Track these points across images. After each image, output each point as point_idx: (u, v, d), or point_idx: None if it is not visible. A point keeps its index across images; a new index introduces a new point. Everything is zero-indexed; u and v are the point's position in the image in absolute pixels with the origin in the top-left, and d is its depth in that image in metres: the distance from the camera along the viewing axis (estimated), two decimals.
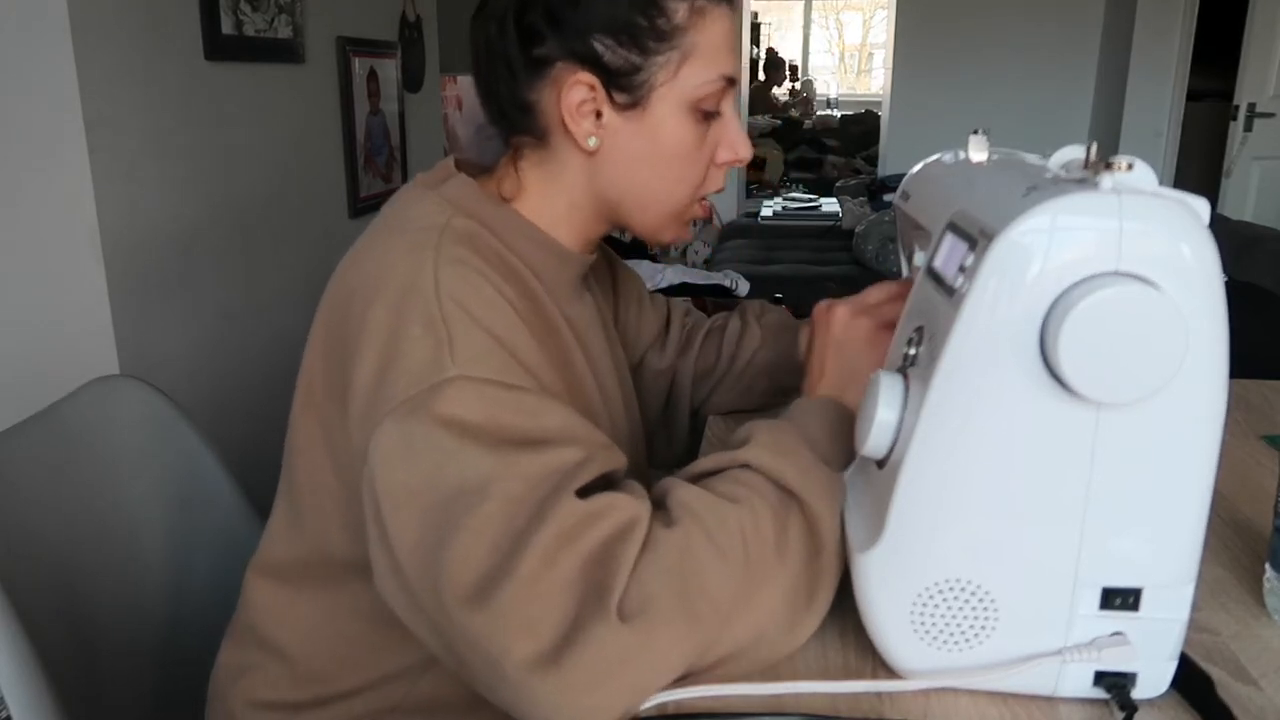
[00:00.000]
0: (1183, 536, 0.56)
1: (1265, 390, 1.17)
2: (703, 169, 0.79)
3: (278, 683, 0.79)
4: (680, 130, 0.76)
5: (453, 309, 0.65)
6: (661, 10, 0.73)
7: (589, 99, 0.74)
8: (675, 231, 0.82)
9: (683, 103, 0.75)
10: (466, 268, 0.68)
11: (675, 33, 0.73)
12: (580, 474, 0.62)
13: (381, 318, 0.65)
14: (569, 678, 0.55)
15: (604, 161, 0.76)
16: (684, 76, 0.74)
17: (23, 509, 0.87)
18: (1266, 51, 4.21)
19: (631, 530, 0.60)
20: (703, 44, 0.74)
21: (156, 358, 1.68)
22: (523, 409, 0.63)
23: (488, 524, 0.58)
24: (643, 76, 0.73)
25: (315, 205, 2.30)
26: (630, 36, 0.72)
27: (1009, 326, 0.52)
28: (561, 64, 0.73)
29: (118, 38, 1.56)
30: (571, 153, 0.77)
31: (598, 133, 0.75)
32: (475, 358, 0.63)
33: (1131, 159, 0.53)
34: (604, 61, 0.73)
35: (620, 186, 0.78)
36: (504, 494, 0.59)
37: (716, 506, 0.62)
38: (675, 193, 0.79)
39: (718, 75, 0.75)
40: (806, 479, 0.66)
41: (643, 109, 0.74)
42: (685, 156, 0.77)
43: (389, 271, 0.68)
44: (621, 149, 0.76)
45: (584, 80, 0.73)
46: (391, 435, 0.62)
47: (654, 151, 0.76)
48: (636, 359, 1.02)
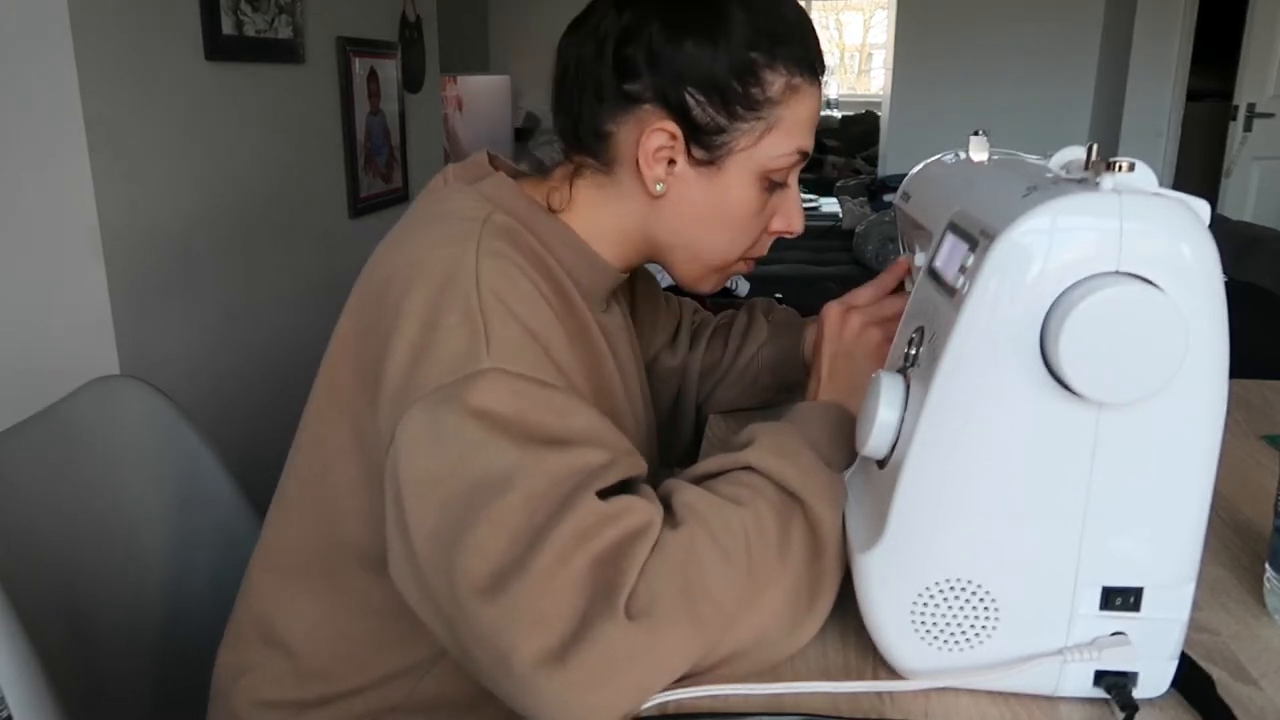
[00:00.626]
0: (1183, 536, 0.56)
1: (1265, 390, 1.17)
2: (756, 234, 0.81)
3: (281, 681, 0.79)
4: (747, 195, 0.77)
5: (491, 301, 0.65)
6: (759, 81, 0.74)
7: (668, 146, 0.75)
8: (715, 283, 0.85)
9: (756, 171, 0.76)
10: (506, 261, 0.68)
11: (766, 104, 0.75)
12: (603, 476, 0.62)
13: (419, 305, 0.65)
14: (575, 675, 0.55)
15: (665, 207, 0.78)
16: (764, 146, 0.76)
17: (23, 509, 0.87)
18: (1266, 51, 4.21)
19: (645, 533, 0.60)
20: (789, 119, 0.76)
21: (156, 358, 1.68)
22: (552, 407, 0.63)
23: (508, 517, 0.59)
24: (725, 138, 0.75)
25: (315, 205, 2.30)
26: (722, 98, 0.74)
27: (1009, 327, 0.52)
28: (650, 106, 0.74)
29: (118, 38, 1.56)
30: (635, 189, 0.78)
31: (667, 179, 0.76)
32: (510, 352, 0.64)
33: (1131, 159, 0.53)
34: (691, 115, 0.74)
35: (675, 234, 0.79)
36: (526, 489, 0.59)
37: (720, 508, 0.63)
38: (726, 252, 0.81)
39: (795, 149, 0.77)
40: (808, 481, 0.66)
41: (717, 169, 0.76)
42: (745, 221, 0.79)
43: (428, 260, 0.68)
44: (687, 200, 0.77)
45: (668, 129, 0.74)
46: (420, 421, 0.62)
47: (716, 211, 0.78)
48: (649, 359, 1.03)
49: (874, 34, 9.63)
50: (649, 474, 0.68)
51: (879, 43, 9.23)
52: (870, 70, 9.82)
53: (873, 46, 9.75)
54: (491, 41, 5.35)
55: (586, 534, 0.58)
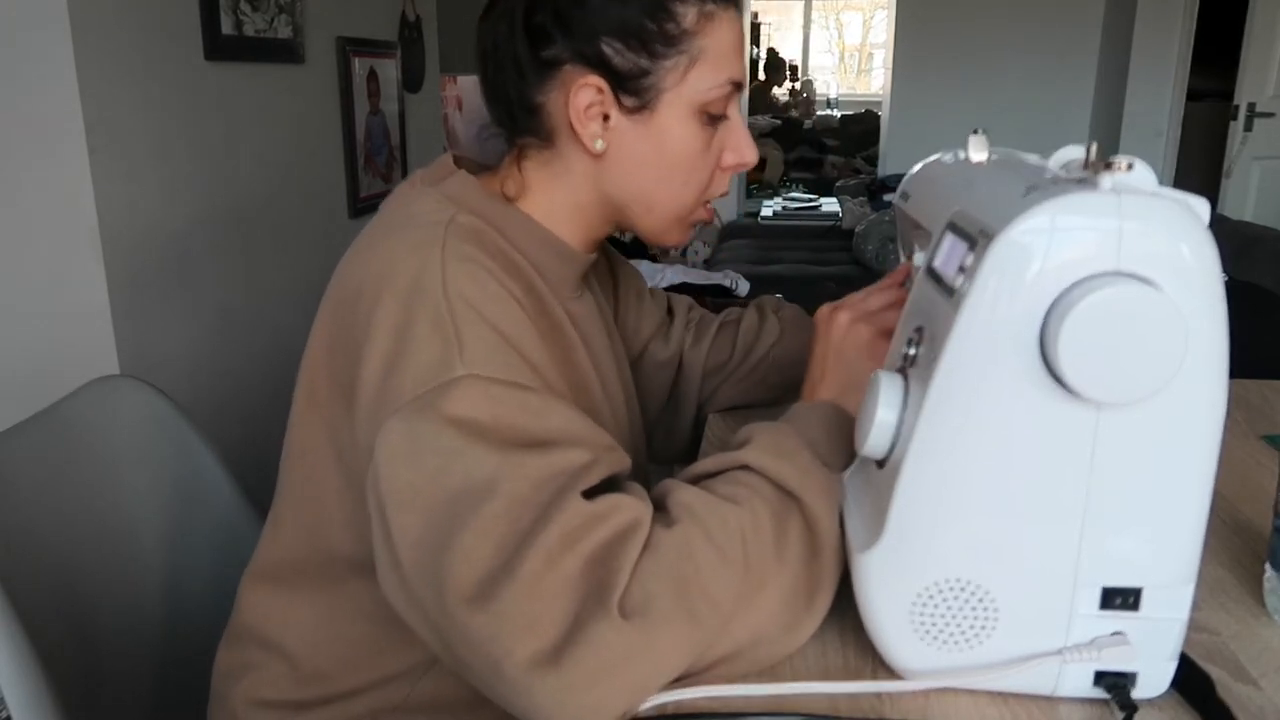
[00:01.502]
0: (1183, 536, 0.56)
1: (1265, 390, 1.17)
2: (708, 173, 0.79)
3: (279, 682, 0.79)
4: (687, 134, 0.76)
5: (461, 307, 0.65)
6: (670, 15, 0.73)
7: (597, 102, 0.74)
8: (679, 234, 0.83)
9: (690, 107, 0.75)
10: (473, 264, 0.68)
11: (684, 37, 0.73)
12: (586, 476, 0.62)
13: (389, 315, 0.65)
14: (569, 677, 0.55)
15: (610, 164, 0.77)
16: (691, 81, 0.74)
17: (23, 509, 0.87)
18: (1266, 51, 4.21)
19: (634, 531, 0.60)
20: (711, 48, 0.74)
21: (156, 357, 1.68)
22: (529, 409, 0.63)
23: (493, 524, 0.58)
24: (651, 80, 0.74)
25: (315, 205, 2.30)
26: (639, 40, 0.73)
27: (1009, 326, 0.52)
28: (570, 66, 0.74)
29: (118, 38, 1.56)
30: (577, 154, 0.77)
31: (604, 135, 0.75)
32: (483, 357, 0.63)
33: (1131, 159, 0.53)
34: (612, 65, 0.73)
35: (626, 189, 0.78)
36: (510, 494, 0.59)
37: (717, 507, 0.62)
38: (681, 196, 0.79)
39: (725, 79, 0.76)
40: (806, 480, 0.66)
41: (650, 112, 0.75)
42: (691, 160, 0.77)
43: (395, 268, 0.67)
44: (628, 152, 0.76)
45: (592, 83, 0.73)
46: (398, 433, 0.62)
47: (660, 155, 0.76)
48: (638, 352, 1.02)
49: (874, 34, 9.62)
50: (638, 470, 0.68)
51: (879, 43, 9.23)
52: (870, 70, 9.81)
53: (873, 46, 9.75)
54: None
55: (574, 535, 0.58)
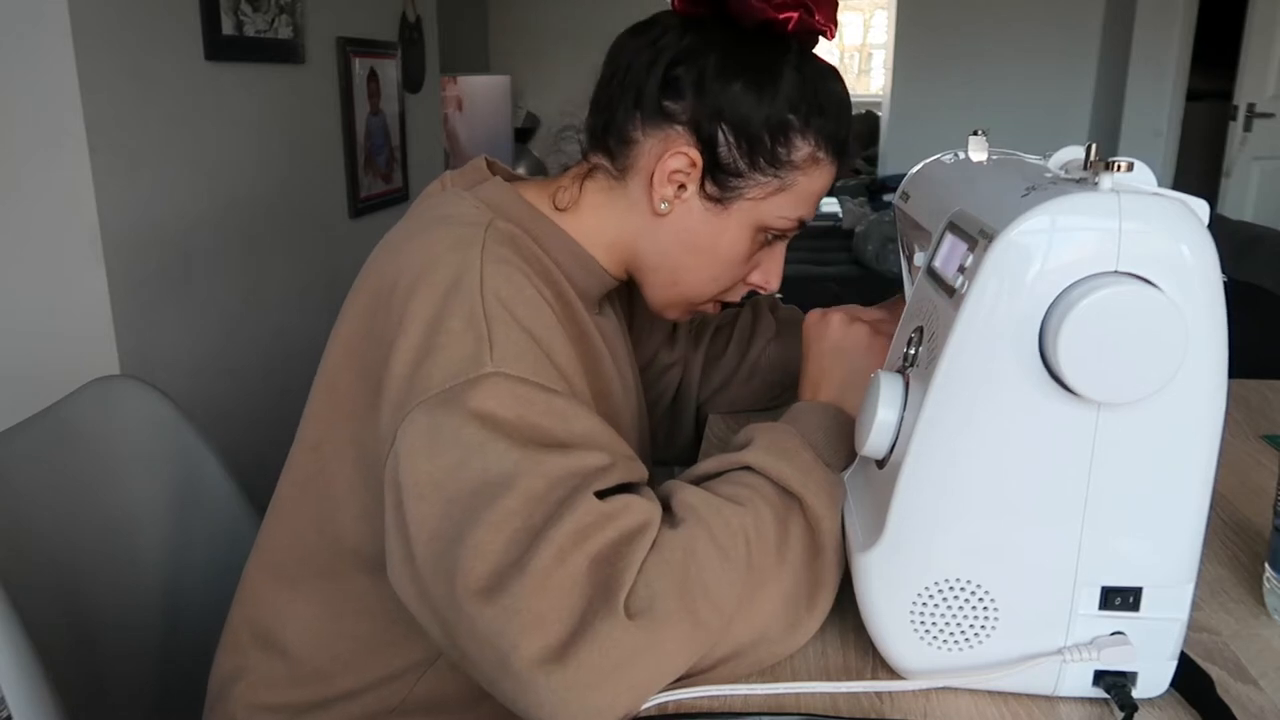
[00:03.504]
0: (1183, 536, 0.56)
1: (1265, 390, 1.17)
2: (735, 279, 0.84)
3: (277, 684, 0.79)
4: (740, 241, 0.80)
5: (495, 306, 0.66)
6: (788, 142, 0.76)
7: (684, 171, 0.77)
8: (680, 313, 0.88)
9: (756, 222, 0.79)
10: (510, 267, 0.69)
11: (787, 166, 0.77)
12: (601, 478, 0.62)
13: (424, 309, 0.66)
14: (575, 675, 0.55)
15: (663, 227, 0.80)
16: (771, 203, 0.78)
17: (23, 509, 0.87)
18: (1266, 51, 4.21)
19: (643, 532, 0.60)
20: (802, 186, 0.78)
21: (157, 358, 1.68)
22: (553, 411, 0.64)
23: (507, 519, 0.59)
24: (740, 184, 0.77)
25: (315, 205, 2.30)
26: (750, 146, 0.76)
27: (1009, 327, 0.52)
28: (682, 128, 0.76)
29: (118, 38, 1.56)
30: (640, 202, 0.79)
31: (674, 202, 0.78)
32: (513, 356, 0.64)
33: (1131, 159, 0.53)
34: (717, 150, 0.76)
35: (664, 256, 0.81)
36: (526, 490, 0.59)
37: (720, 508, 0.63)
38: (705, 287, 0.83)
39: (797, 217, 0.80)
40: (807, 480, 0.66)
41: (723, 207, 0.78)
42: (732, 264, 0.82)
43: (434, 264, 0.68)
44: (685, 228, 0.79)
45: (690, 155, 0.76)
46: (421, 424, 0.62)
47: (710, 247, 0.80)
48: (648, 357, 1.03)
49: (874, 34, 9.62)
50: None
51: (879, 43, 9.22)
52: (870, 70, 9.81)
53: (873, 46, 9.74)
54: (491, 41, 5.35)
55: (584, 533, 0.58)
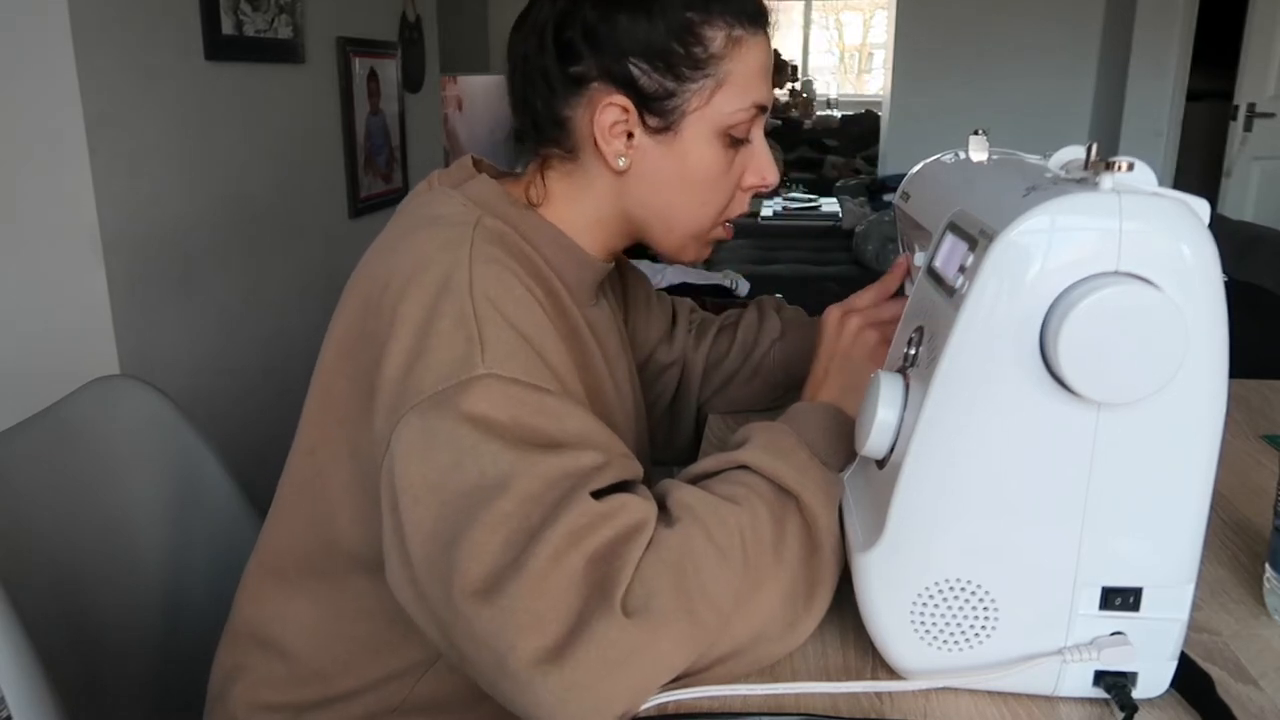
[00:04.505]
0: (1183, 536, 0.56)
1: (1265, 390, 1.17)
2: (729, 193, 0.80)
3: (278, 683, 0.79)
4: (709, 155, 0.77)
5: (485, 307, 0.65)
6: (698, 39, 0.74)
7: (621, 120, 0.75)
8: (696, 251, 0.84)
9: (714, 129, 0.76)
10: (500, 266, 0.69)
11: (711, 61, 0.74)
12: (597, 478, 0.62)
13: (414, 311, 0.65)
14: (572, 674, 0.55)
15: (632, 181, 0.78)
16: (717, 103, 0.75)
17: (23, 509, 0.87)
18: (1266, 51, 4.21)
19: (639, 530, 0.60)
20: (737, 72, 0.75)
21: (157, 358, 1.68)
22: (546, 411, 0.63)
23: (503, 520, 0.59)
24: (676, 102, 0.75)
25: (315, 205, 2.30)
26: (666, 63, 0.73)
27: (1009, 327, 0.52)
28: (597, 84, 0.75)
29: (118, 38, 1.56)
30: (600, 169, 0.78)
31: (628, 153, 0.76)
32: (504, 357, 0.64)
33: (1131, 159, 0.53)
34: (639, 85, 0.74)
35: (647, 206, 0.79)
36: (521, 491, 0.59)
37: (716, 507, 0.63)
38: (701, 215, 0.80)
39: (750, 103, 0.76)
40: (804, 478, 0.66)
41: (674, 133, 0.76)
42: (713, 181, 0.78)
43: (423, 265, 0.68)
44: (651, 170, 0.77)
45: (618, 102, 0.74)
46: (415, 428, 0.62)
47: (682, 175, 0.77)
48: (645, 356, 1.03)
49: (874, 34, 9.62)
50: (644, 471, 0.68)
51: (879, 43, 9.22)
52: (870, 70, 9.80)
53: (873, 46, 9.74)
54: (491, 41, 5.35)
55: (580, 533, 0.58)
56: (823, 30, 9.94)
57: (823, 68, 9.74)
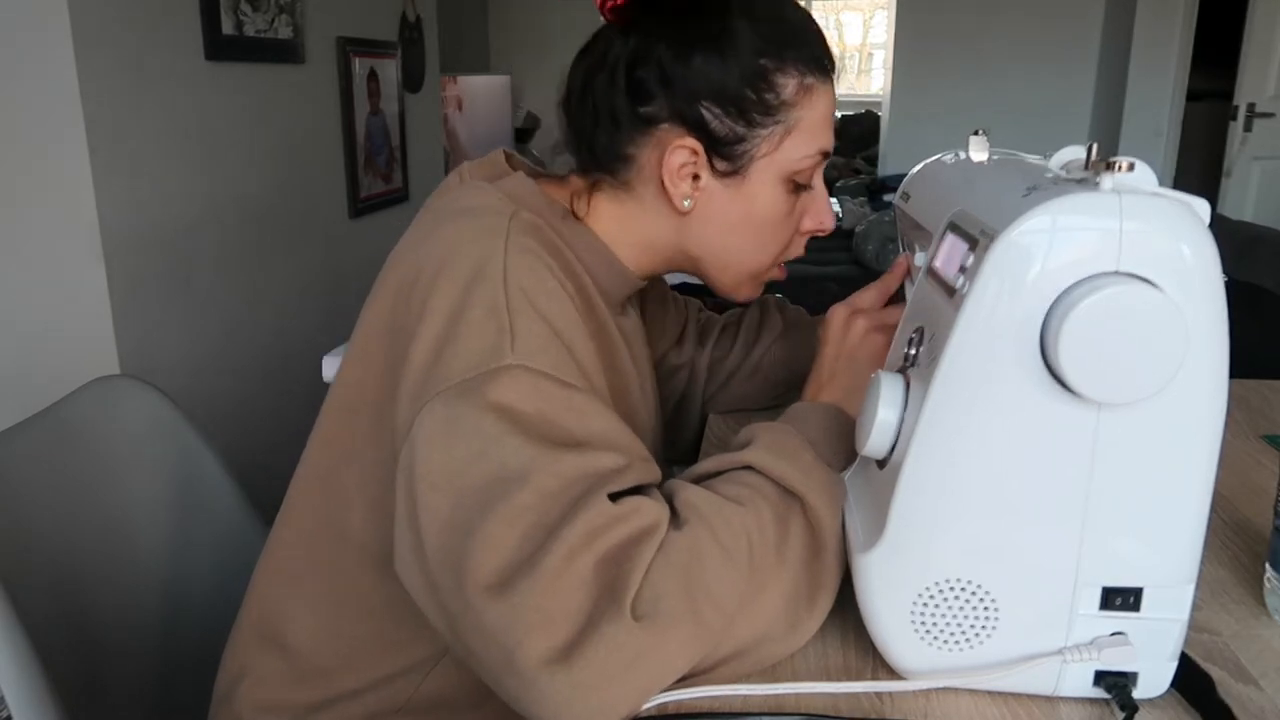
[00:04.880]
0: (1183, 536, 0.56)
1: (1265, 390, 1.17)
2: (788, 236, 0.81)
3: (283, 683, 0.78)
4: (774, 200, 0.78)
5: (518, 298, 0.65)
6: (771, 86, 0.74)
7: (690, 163, 0.75)
8: (751, 290, 0.85)
9: (780, 174, 0.77)
10: (534, 258, 0.68)
11: (782, 107, 0.75)
12: (616, 480, 0.62)
13: (446, 298, 0.65)
14: (579, 675, 0.55)
15: (695, 222, 0.78)
16: (785, 150, 0.76)
17: (23, 509, 0.87)
18: (1266, 51, 4.21)
19: (652, 533, 0.60)
20: (806, 119, 0.76)
21: (157, 358, 1.68)
22: (572, 408, 0.63)
23: (520, 515, 0.58)
24: (746, 147, 0.75)
25: (315, 205, 2.30)
26: (738, 108, 0.74)
27: (1009, 327, 0.52)
28: (667, 125, 0.75)
29: (118, 38, 1.56)
30: (660, 205, 0.78)
31: (694, 195, 0.77)
32: (534, 349, 0.64)
33: (1131, 159, 0.53)
34: (710, 129, 0.74)
35: (707, 246, 0.80)
36: (540, 487, 0.59)
37: (722, 508, 0.63)
38: (760, 258, 0.81)
39: (816, 150, 0.77)
40: (809, 479, 0.66)
41: (741, 177, 0.76)
42: (775, 225, 0.79)
43: (457, 253, 0.67)
44: (716, 213, 0.78)
45: (688, 145, 0.75)
46: (438, 415, 0.62)
47: (746, 218, 0.78)
48: (658, 357, 1.03)
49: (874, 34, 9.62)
50: None
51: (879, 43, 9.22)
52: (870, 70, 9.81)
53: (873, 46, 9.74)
54: (491, 41, 5.35)
55: (594, 534, 0.58)
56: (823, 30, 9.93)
57: None
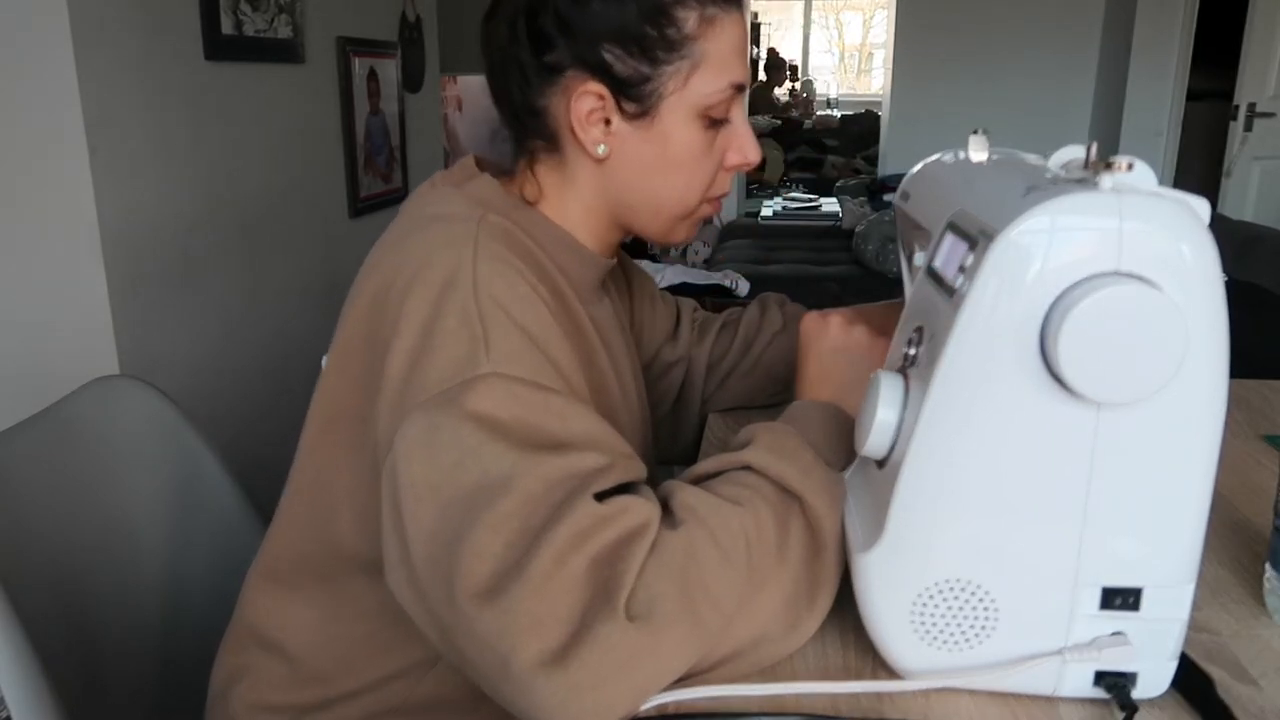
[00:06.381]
0: (1183, 536, 0.56)
1: (1265, 390, 1.17)
2: (711, 173, 0.80)
3: (278, 684, 0.79)
4: (689, 137, 0.76)
5: (490, 305, 0.65)
6: (671, 20, 0.73)
7: (598, 108, 0.74)
8: (686, 232, 0.83)
9: (692, 111, 0.75)
10: (504, 264, 0.68)
11: (685, 42, 0.73)
12: (600, 479, 0.62)
13: (418, 309, 0.65)
14: (574, 677, 0.55)
15: (614, 168, 0.77)
16: (693, 85, 0.74)
17: (23, 509, 0.87)
18: (1266, 51, 4.21)
19: (642, 533, 0.60)
20: (712, 52, 0.74)
21: (156, 358, 1.68)
22: (551, 411, 0.63)
23: (506, 521, 0.58)
24: (652, 86, 0.74)
25: (315, 205, 2.30)
26: (640, 47, 0.73)
27: (1009, 327, 0.52)
28: (572, 72, 0.74)
29: (118, 38, 1.56)
30: (583, 159, 0.77)
31: (607, 140, 0.76)
32: (510, 356, 0.64)
33: (1131, 159, 0.53)
34: (613, 71, 0.73)
35: (631, 191, 0.79)
36: (524, 492, 0.59)
37: (720, 509, 0.63)
38: (685, 197, 0.79)
39: (727, 83, 0.76)
40: (808, 479, 0.66)
41: (651, 118, 0.75)
42: (694, 162, 0.78)
43: (427, 264, 0.67)
44: (631, 156, 0.76)
45: (593, 90, 0.74)
46: (419, 426, 0.62)
47: (663, 158, 0.77)
48: (650, 355, 1.03)
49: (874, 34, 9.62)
50: (648, 471, 0.68)
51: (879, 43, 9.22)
52: (870, 70, 9.81)
53: (873, 46, 9.74)
54: None
55: (583, 536, 0.58)
56: (823, 30, 9.94)
57: (823, 67, 9.74)
